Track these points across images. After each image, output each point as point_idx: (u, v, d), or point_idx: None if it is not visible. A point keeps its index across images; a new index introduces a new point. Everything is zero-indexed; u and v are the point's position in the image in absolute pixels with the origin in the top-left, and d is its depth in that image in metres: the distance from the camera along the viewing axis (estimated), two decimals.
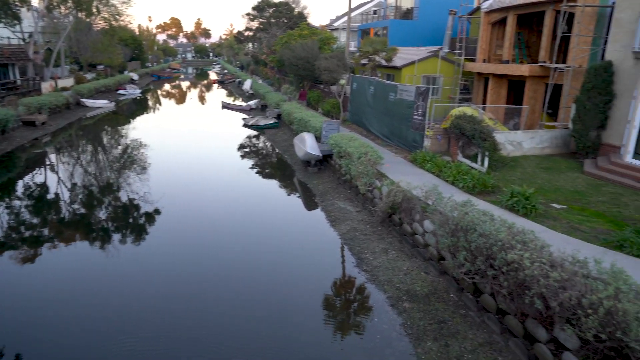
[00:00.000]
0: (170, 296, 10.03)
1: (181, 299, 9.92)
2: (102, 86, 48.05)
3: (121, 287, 10.46)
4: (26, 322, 8.99)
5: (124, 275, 11.06)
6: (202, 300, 9.89)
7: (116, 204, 16.65)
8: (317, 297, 10.08)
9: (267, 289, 10.47)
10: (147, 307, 9.58)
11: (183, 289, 10.39)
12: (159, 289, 10.33)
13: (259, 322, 9.09)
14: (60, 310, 9.46)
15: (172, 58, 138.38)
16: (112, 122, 36.55)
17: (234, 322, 9.11)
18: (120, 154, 25.08)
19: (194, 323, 8.98)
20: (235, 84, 65.76)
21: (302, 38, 37.35)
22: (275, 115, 32.05)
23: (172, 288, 10.41)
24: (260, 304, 9.76)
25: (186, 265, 11.55)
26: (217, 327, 8.94)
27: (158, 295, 10.05)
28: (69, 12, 44.36)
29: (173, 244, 13.01)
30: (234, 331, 8.82)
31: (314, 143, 19.09)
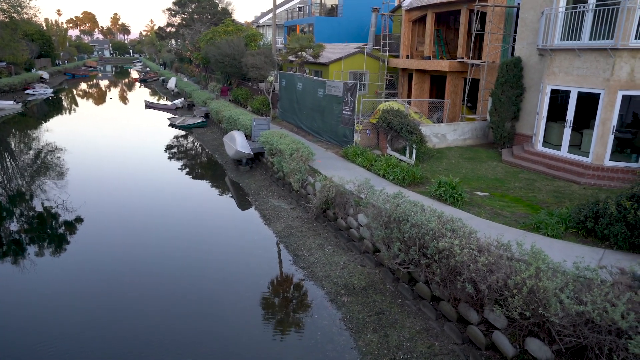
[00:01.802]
0: (98, 303, 9.31)
1: (110, 305, 9.24)
2: (5, 85, 43.80)
3: (35, 302, 9.53)
4: None
5: (45, 289, 10.09)
6: (133, 307, 9.30)
7: (29, 214, 15.18)
8: (254, 297, 9.86)
9: (202, 290, 10.07)
10: (64, 318, 8.81)
11: (111, 295, 9.69)
12: (80, 301, 9.55)
13: (195, 323, 8.75)
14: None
15: (88, 55, 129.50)
16: (20, 124, 33.40)
17: (168, 324, 8.70)
18: (32, 160, 22.92)
19: (125, 329, 8.40)
20: (159, 83, 62.85)
21: (227, 34, 36.46)
22: (202, 114, 31.02)
23: (98, 295, 9.66)
24: (195, 306, 9.39)
25: (114, 272, 10.79)
26: (150, 330, 8.44)
27: (78, 307, 9.28)
28: None
29: (96, 253, 12.09)
30: (169, 334, 8.41)
31: (245, 141, 18.70)
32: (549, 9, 14.54)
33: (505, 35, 19.29)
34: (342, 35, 36.01)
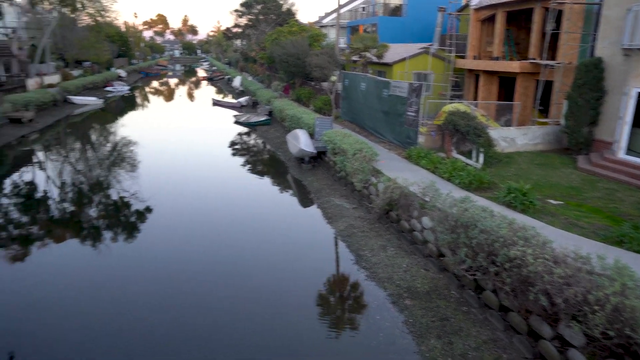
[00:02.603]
0: (162, 294, 9.90)
1: (174, 297, 9.79)
2: (90, 83, 47.32)
3: (112, 286, 10.28)
4: (15, 318, 8.78)
5: (114, 275, 10.88)
6: (196, 299, 9.75)
7: (106, 202, 16.40)
8: (315, 295, 10.02)
9: (264, 287, 10.37)
10: (138, 305, 9.44)
11: (175, 287, 10.25)
12: (151, 287, 10.19)
13: (257, 320, 9.01)
14: (48, 308, 9.28)
15: (160, 55, 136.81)
16: (101, 119, 36.00)
17: (231, 320, 9.02)
18: (110, 152, 24.70)
19: (189, 321, 8.87)
20: (224, 81, 65.22)
21: (291, 35, 37.14)
22: (266, 112, 31.85)
23: (163, 286, 10.27)
24: (257, 303, 9.65)
25: (179, 264, 11.40)
26: (213, 325, 8.83)
27: (150, 293, 9.90)
28: (53, 8, 43.48)
29: (165, 243, 12.84)
30: (231, 330, 8.72)
31: (308, 140, 18.99)
32: (638, 6, 13.51)
33: (584, 35, 18.15)
34: (405, 36, 35.52)
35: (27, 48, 41.70)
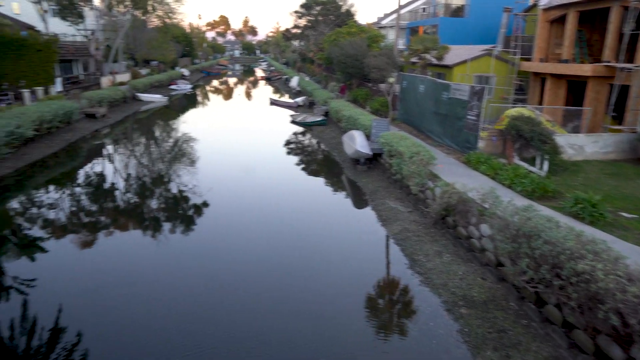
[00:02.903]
0: (213, 287, 10.27)
1: (224, 292, 10.11)
2: (156, 81, 49.90)
3: (166, 275, 10.83)
4: (78, 302, 9.47)
5: (171, 264, 11.44)
6: (246, 297, 9.94)
7: (167, 195, 17.28)
8: (367, 297, 10.02)
9: (314, 287, 10.48)
10: (188, 297, 9.85)
11: (226, 281, 10.58)
12: (203, 280, 10.60)
13: (305, 321, 9.06)
14: (111, 292, 9.92)
15: (221, 55, 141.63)
16: (165, 116, 37.87)
17: (280, 319, 9.11)
18: (171, 147, 25.97)
19: (237, 317, 9.11)
20: (282, 81, 66.47)
21: (350, 35, 37.22)
22: (322, 113, 32.14)
23: (215, 280, 10.65)
24: (306, 303, 9.72)
25: (230, 259, 11.76)
26: (262, 323, 8.98)
27: (202, 286, 10.31)
28: (126, 11, 46.28)
29: (219, 238, 13.31)
30: (280, 328, 8.81)
31: (364, 141, 18.98)
32: None
33: None
34: (467, 37, 34.53)
35: (102, 48, 44.65)
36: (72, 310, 9.29)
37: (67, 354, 8.06)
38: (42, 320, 8.99)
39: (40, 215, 14.84)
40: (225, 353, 8.08)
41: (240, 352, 8.09)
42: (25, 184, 17.53)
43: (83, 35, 43.96)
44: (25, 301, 9.74)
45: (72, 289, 10.24)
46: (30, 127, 21.12)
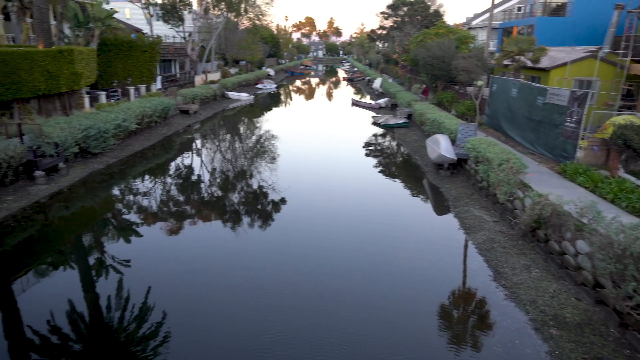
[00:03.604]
0: (289, 284, 10.47)
1: (298, 289, 10.25)
2: (244, 80, 52.30)
3: (243, 266, 11.27)
4: (164, 285, 10.16)
5: (247, 256, 11.92)
6: (319, 300, 9.93)
7: (247, 190, 18.05)
8: (448, 307, 9.67)
9: (392, 293, 10.27)
10: (262, 292, 10.13)
11: (300, 279, 10.72)
12: (279, 275, 10.86)
13: (381, 329, 8.85)
14: (191, 278, 10.54)
15: (305, 55, 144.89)
16: (250, 113, 39.55)
17: (353, 326, 8.97)
18: (254, 144, 27.06)
19: (311, 322, 9.15)
20: (364, 82, 66.46)
21: (438, 37, 36.18)
22: (405, 115, 31.63)
23: (291, 276, 10.84)
24: (381, 311, 9.50)
25: (306, 258, 11.90)
26: (336, 326, 8.97)
27: (277, 280, 10.57)
28: (221, 13, 49.04)
29: (296, 235, 13.54)
30: (355, 333, 8.69)
31: (449, 146, 18.35)
32: None
33: None
34: (567, 38, 32.05)
35: (198, 49, 47.67)
36: (158, 292, 10.02)
37: (153, 332, 8.72)
38: (133, 298, 9.84)
39: (136, 202, 16.24)
40: (304, 351, 8.25)
41: (317, 352, 8.22)
42: (126, 173, 19.23)
43: (182, 36, 47.30)
44: (120, 279, 10.72)
45: (159, 272, 11.05)
46: (134, 121, 23.13)
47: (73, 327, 8.87)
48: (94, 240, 13.33)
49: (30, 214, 13.84)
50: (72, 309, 9.37)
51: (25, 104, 19.01)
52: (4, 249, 11.89)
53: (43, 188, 15.69)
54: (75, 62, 21.39)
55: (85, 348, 8.39)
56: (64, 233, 13.76)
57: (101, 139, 19.71)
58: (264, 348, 8.18)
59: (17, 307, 9.70)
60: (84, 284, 10.81)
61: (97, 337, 8.71)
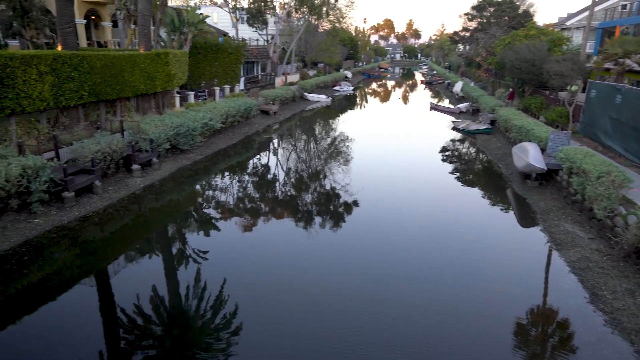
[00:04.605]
0: (359, 286, 10.34)
1: (368, 294, 10.09)
2: (322, 82, 52.98)
3: (312, 265, 11.39)
4: (237, 278, 10.47)
5: (317, 255, 12.04)
6: (390, 303, 9.78)
7: (321, 190, 18.22)
8: (536, 330, 9.01)
9: (469, 309, 9.74)
10: (330, 289, 10.08)
11: (371, 285, 10.51)
12: (345, 278, 10.75)
13: (460, 346, 8.51)
14: (264, 274, 10.77)
15: (382, 58, 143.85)
16: (326, 115, 39.94)
17: (427, 341, 8.71)
18: (329, 145, 27.27)
19: (380, 324, 9.00)
20: (443, 86, 64.56)
21: (527, 38, 34.11)
22: (488, 121, 30.19)
23: (360, 278, 10.71)
24: (459, 326, 9.10)
25: (378, 263, 11.69)
26: (400, 339, 8.77)
27: (343, 283, 10.47)
28: (302, 17, 50.09)
29: (368, 239, 13.35)
30: (425, 344, 8.45)
31: (539, 154, 17.19)
32: None
33: None
34: None
35: (279, 51, 49.08)
36: (232, 285, 10.40)
37: (226, 322, 9.07)
38: (209, 288, 10.31)
39: (216, 198, 17.07)
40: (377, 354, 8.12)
41: None
42: (210, 169, 20.23)
43: (264, 39, 49.00)
44: (199, 270, 11.29)
45: (233, 265, 11.47)
46: (219, 120, 24.29)
47: (155, 310, 9.52)
48: (177, 231, 14.20)
49: (127, 204, 15.01)
50: (155, 293, 10.05)
51: (126, 102, 20.69)
52: (104, 235, 13.01)
53: (138, 181, 16.97)
54: (169, 64, 22.91)
55: (165, 331, 8.94)
56: (153, 223, 14.78)
57: (189, 137, 20.92)
58: (338, 351, 8.15)
59: (110, 288, 10.65)
60: (167, 271, 11.57)
61: (176, 322, 9.24)
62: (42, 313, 9.32)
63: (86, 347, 8.20)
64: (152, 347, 8.49)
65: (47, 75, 15.35)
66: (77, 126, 17.54)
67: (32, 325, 8.88)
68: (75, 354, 8.01)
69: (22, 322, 8.93)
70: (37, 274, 10.59)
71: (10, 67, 13.94)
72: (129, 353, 8.28)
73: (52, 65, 15.54)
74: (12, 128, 14.70)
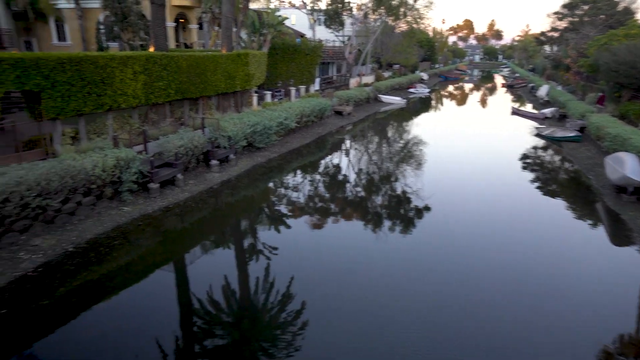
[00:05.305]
0: (423, 294, 9.99)
1: (434, 302, 9.71)
2: (397, 84, 52.25)
3: (380, 271, 11.09)
4: (305, 276, 10.52)
5: (385, 261, 11.76)
6: (463, 314, 9.41)
7: (391, 193, 17.94)
8: None
9: (553, 336, 9.10)
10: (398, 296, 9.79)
11: (436, 291, 10.14)
12: (418, 286, 10.40)
13: None
14: (331, 274, 10.70)
15: (460, 60, 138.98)
16: (400, 117, 39.29)
17: None
18: (401, 148, 26.78)
19: (447, 332, 8.63)
20: (526, 89, 60.95)
21: (628, 38, 31.18)
22: (577, 127, 27.95)
23: (427, 286, 10.32)
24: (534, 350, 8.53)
25: (444, 270, 11.27)
26: None
27: (414, 290, 10.13)
28: (379, 17, 49.71)
29: (437, 245, 12.95)
30: None
31: (637, 167, 15.60)
32: None
33: None
34: None
35: (354, 52, 49.13)
36: (299, 282, 10.51)
37: (293, 318, 9.19)
38: (277, 284, 10.50)
39: (287, 196, 17.43)
40: None
41: None
42: (283, 167, 20.70)
43: (340, 40, 49.29)
44: (268, 265, 11.57)
45: (301, 263, 11.60)
46: (294, 120, 24.79)
47: (226, 300, 9.91)
48: (249, 226, 14.73)
49: (205, 198, 15.78)
50: (226, 284, 10.47)
51: (208, 100, 21.78)
52: (183, 225, 13.79)
53: (216, 176, 17.78)
54: (249, 64, 23.77)
55: (234, 321, 9.27)
56: (228, 217, 15.44)
57: (265, 135, 21.56)
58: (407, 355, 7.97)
59: (187, 275, 11.34)
60: (238, 263, 12.03)
61: (245, 314, 9.56)
62: (127, 293, 10.12)
63: (162, 328, 8.74)
64: (222, 335, 8.86)
65: (140, 74, 16.56)
66: (163, 122, 18.75)
67: (119, 303, 9.67)
68: (152, 333, 8.56)
69: (110, 300, 9.74)
70: (124, 257, 11.47)
71: (110, 67, 15.22)
72: (199, 339, 8.72)
73: (145, 65, 16.73)
74: (109, 123, 16.04)
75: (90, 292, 9.92)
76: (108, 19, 26.70)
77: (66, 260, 10.82)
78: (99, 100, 15.01)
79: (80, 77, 14.21)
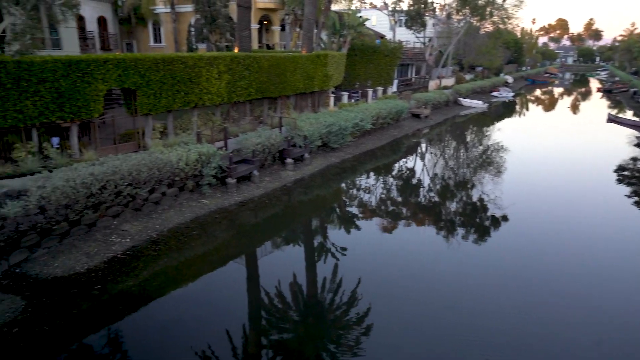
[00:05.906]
0: (492, 304, 9.35)
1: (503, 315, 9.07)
2: (478, 87, 50.09)
3: (450, 278, 10.70)
4: (373, 280, 10.32)
5: (456, 268, 11.28)
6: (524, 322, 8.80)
7: (466, 200, 17.19)
8: None
9: None
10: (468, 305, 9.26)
11: (516, 309, 9.47)
12: (488, 292, 9.78)
13: None
14: (400, 279, 10.48)
15: (550, 62, 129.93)
16: (480, 122, 37.56)
17: None
18: (480, 154, 25.53)
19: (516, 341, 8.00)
20: (627, 95, 55.51)
21: None
22: None
23: (497, 297, 9.67)
24: None
25: (517, 284, 10.54)
26: None
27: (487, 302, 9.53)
28: (463, 18, 47.86)
29: (513, 257, 12.20)
30: None
31: None
32: None
33: None
34: None
35: (435, 54, 47.83)
36: (366, 284, 10.42)
37: (358, 320, 9.14)
38: (344, 284, 10.51)
39: (359, 197, 17.40)
40: None
41: None
42: (357, 169, 20.66)
43: (421, 42, 48.21)
44: (336, 265, 11.65)
45: (369, 266, 11.45)
46: (370, 121, 24.66)
47: (293, 297, 10.10)
48: (320, 225, 14.89)
49: (278, 195, 16.22)
50: (294, 281, 10.67)
51: (286, 100, 22.36)
52: (256, 220, 14.28)
53: (291, 174, 18.19)
54: (327, 65, 24.03)
55: (300, 318, 9.41)
56: (299, 215, 15.71)
57: (340, 136, 21.67)
58: None
59: (257, 269, 11.76)
60: (307, 261, 12.22)
61: (311, 312, 9.66)
62: (202, 281, 10.72)
63: (232, 318, 9.13)
64: (288, 330, 9.05)
65: (225, 74, 17.39)
66: (243, 120, 19.55)
67: (194, 290, 10.26)
68: (222, 322, 8.96)
69: (186, 287, 10.36)
70: (201, 248, 12.12)
71: (197, 67, 16.16)
72: (266, 332, 8.97)
73: (229, 65, 17.54)
74: (194, 119, 17.04)
75: (169, 277, 10.63)
76: (198, 22, 28.41)
77: (150, 246, 11.68)
78: (186, 98, 16.00)
79: (171, 76, 15.26)
